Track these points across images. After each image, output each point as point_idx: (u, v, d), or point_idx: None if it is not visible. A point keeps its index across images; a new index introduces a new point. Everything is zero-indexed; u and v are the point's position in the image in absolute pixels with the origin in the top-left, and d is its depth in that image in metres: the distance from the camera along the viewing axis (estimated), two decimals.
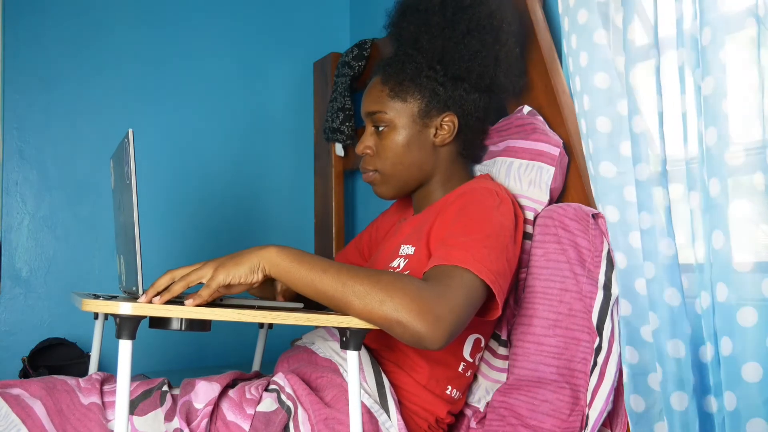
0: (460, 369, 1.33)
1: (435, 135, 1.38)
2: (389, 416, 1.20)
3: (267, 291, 1.43)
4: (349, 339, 1.06)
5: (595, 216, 1.33)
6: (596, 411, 1.25)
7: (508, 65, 1.41)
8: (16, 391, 1.09)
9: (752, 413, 1.03)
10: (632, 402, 1.24)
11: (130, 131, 0.97)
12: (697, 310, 1.15)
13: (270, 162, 2.36)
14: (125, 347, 0.93)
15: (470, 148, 1.44)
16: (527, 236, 1.40)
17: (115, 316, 0.93)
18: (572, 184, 1.46)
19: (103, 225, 2.05)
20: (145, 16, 2.17)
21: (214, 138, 2.26)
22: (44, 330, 1.97)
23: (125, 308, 0.91)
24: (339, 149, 2.25)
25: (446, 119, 1.38)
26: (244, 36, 2.33)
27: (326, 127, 2.21)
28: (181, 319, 0.99)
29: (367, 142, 1.39)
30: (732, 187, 1.06)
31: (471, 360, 1.34)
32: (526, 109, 1.51)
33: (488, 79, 1.39)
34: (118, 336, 0.92)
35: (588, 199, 1.42)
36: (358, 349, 1.06)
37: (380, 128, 1.38)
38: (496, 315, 1.19)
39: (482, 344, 1.36)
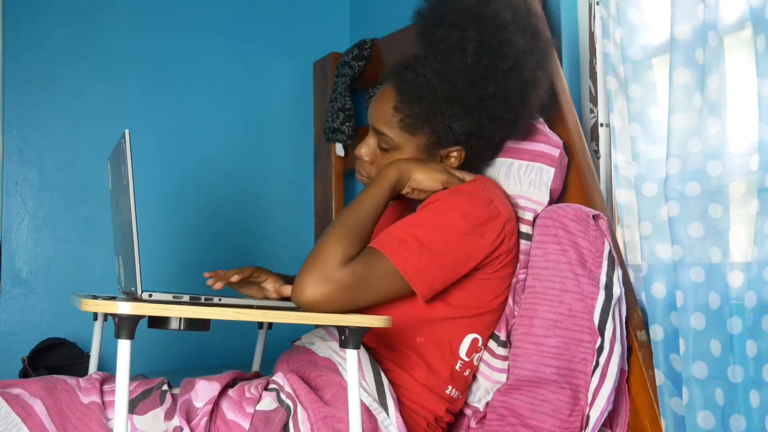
0: (457, 367, 1.32)
1: (440, 161, 1.38)
2: (388, 414, 1.20)
3: (255, 291, 1.43)
4: (348, 337, 1.05)
5: (596, 217, 1.33)
6: (597, 411, 1.25)
7: (530, 111, 1.38)
8: (16, 390, 1.09)
9: None
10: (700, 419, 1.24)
11: (127, 132, 0.98)
12: None
13: (270, 162, 2.36)
14: (124, 347, 0.92)
15: (476, 165, 1.43)
16: (527, 237, 1.40)
17: (113, 315, 0.92)
18: (572, 185, 1.45)
19: (103, 225, 2.05)
20: (144, 17, 2.17)
21: (214, 138, 2.25)
22: (44, 330, 1.97)
23: (124, 308, 0.91)
24: (339, 149, 2.25)
25: (453, 153, 1.37)
26: (244, 36, 2.33)
27: (326, 127, 2.21)
28: (180, 318, 0.99)
29: (367, 149, 1.38)
30: None
31: (468, 359, 1.34)
32: None
33: (505, 121, 1.34)
34: (117, 336, 0.92)
35: (588, 200, 1.42)
36: (357, 347, 1.06)
37: (383, 146, 1.36)
38: (422, 300, 1.24)
39: (479, 344, 1.36)
